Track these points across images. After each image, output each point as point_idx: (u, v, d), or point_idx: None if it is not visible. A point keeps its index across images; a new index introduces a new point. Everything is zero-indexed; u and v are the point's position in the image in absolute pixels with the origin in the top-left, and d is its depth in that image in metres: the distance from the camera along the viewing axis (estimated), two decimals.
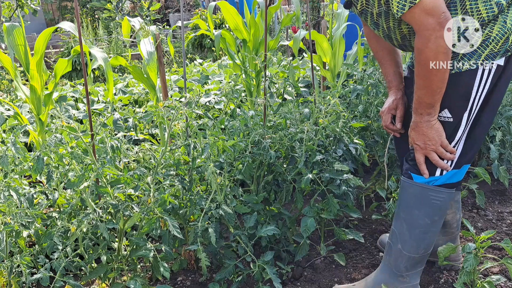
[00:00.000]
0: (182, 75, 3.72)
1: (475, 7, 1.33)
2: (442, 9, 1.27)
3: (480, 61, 1.35)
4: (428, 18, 1.26)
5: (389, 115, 1.67)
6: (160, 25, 8.88)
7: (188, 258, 1.83)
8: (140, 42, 2.65)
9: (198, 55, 7.04)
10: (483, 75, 1.36)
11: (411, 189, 1.53)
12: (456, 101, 1.39)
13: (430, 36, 1.28)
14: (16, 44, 2.45)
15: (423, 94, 1.38)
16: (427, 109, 1.40)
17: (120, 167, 1.73)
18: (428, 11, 1.26)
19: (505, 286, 1.70)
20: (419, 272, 1.60)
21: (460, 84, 1.37)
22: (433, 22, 1.26)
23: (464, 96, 1.38)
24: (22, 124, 2.64)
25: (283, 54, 6.52)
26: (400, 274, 1.58)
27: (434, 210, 1.50)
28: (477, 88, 1.37)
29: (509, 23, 1.33)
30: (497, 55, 1.34)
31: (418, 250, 1.55)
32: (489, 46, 1.34)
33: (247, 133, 1.92)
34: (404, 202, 1.56)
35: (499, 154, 2.46)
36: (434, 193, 1.49)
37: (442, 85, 1.36)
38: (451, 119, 1.41)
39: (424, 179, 1.49)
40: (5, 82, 4.75)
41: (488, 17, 1.32)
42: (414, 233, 1.54)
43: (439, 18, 1.26)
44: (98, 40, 7.22)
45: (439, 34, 1.27)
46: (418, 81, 1.38)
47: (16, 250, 1.57)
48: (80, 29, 1.65)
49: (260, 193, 1.83)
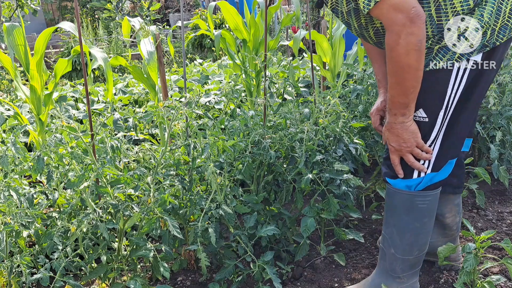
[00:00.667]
0: (182, 75, 3.72)
1: (448, 1, 1.27)
2: (411, 3, 1.20)
3: (455, 58, 1.29)
4: (397, 13, 1.20)
5: (378, 116, 1.63)
6: (160, 25, 8.88)
7: (188, 258, 1.83)
8: (140, 42, 2.65)
9: (198, 55, 7.04)
10: (459, 72, 1.31)
11: (396, 196, 1.50)
12: (431, 100, 1.35)
13: (400, 32, 1.21)
14: (16, 44, 2.45)
15: (396, 93, 1.32)
16: (401, 109, 1.34)
17: (120, 167, 1.73)
18: (396, 6, 1.20)
19: (505, 286, 1.70)
20: (417, 271, 1.59)
21: (435, 82, 1.33)
22: (402, 17, 1.20)
23: (439, 94, 1.33)
24: (22, 124, 2.64)
25: (283, 54, 6.52)
26: (397, 275, 1.57)
27: (422, 213, 1.48)
28: (453, 86, 1.32)
29: (486, 16, 1.26)
30: (473, 51, 1.29)
31: (412, 252, 1.53)
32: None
33: (247, 133, 1.92)
34: (390, 208, 1.54)
35: (499, 154, 2.46)
36: (419, 198, 1.46)
37: (416, 84, 1.29)
38: (426, 119, 1.36)
39: (405, 184, 1.45)
40: (5, 82, 4.75)
41: (463, 11, 1.27)
42: (405, 237, 1.51)
43: (408, 13, 1.19)
44: (98, 40, 7.22)
45: (410, 30, 1.20)
46: (391, 79, 1.31)
47: (16, 250, 1.57)
48: (80, 29, 1.65)
49: (260, 193, 1.83)
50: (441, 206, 1.67)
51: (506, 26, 1.29)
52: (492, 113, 2.43)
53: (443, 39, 1.30)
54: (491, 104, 2.41)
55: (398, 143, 1.39)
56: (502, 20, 1.28)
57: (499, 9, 1.27)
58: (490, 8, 1.27)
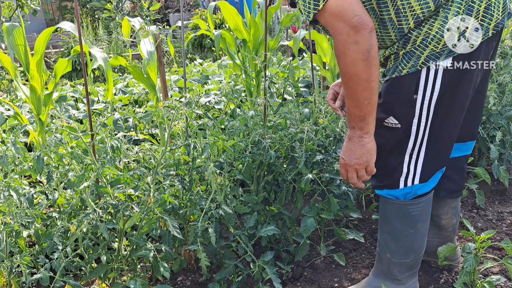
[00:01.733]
0: (182, 75, 3.72)
1: (407, 4, 1.20)
2: (353, 11, 1.13)
3: (420, 63, 1.22)
4: (339, 22, 1.14)
5: (332, 90, 1.52)
6: (160, 25, 8.88)
7: (188, 258, 1.83)
8: (140, 42, 2.65)
9: (198, 55, 7.04)
10: (428, 78, 1.23)
11: (388, 204, 1.48)
12: (400, 107, 1.29)
13: (345, 41, 1.15)
14: (16, 44, 2.45)
15: (350, 105, 1.25)
16: (358, 122, 1.26)
17: (120, 167, 1.73)
18: (337, 14, 1.14)
19: (505, 286, 1.70)
20: (416, 272, 1.58)
21: (400, 88, 1.27)
22: (344, 26, 1.14)
23: (407, 101, 1.27)
24: (22, 124, 2.64)
25: (283, 54, 6.52)
26: (395, 277, 1.56)
27: (415, 220, 1.46)
28: (423, 93, 1.25)
29: (451, 18, 1.19)
30: (440, 55, 1.21)
31: (408, 255, 1.52)
32: (429, 46, 1.21)
33: (247, 133, 1.92)
34: (384, 215, 1.53)
35: (499, 154, 2.46)
36: (411, 206, 1.43)
37: (369, 96, 1.21)
38: (399, 125, 1.31)
39: (393, 195, 1.43)
40: (5, 82, 4.74)
41: (424, 14, 1.20)
42: (400, 242, 1.50)
43: (351, 22, 1.13)
44: (98, 40, 7.22)
45: (354, 39, 1.14)
46: (345, 91, 1.25)
47: (16, 250, 1.57)
48: (80, 29, 1.65)
49: (260, 193, 1.83)
50: (437, 208, 1.66)
51: (481, 26, 1.21)
52: (492, 113, 2.43)
53: (407, 44, 1.24)
54: (491, 104, 2.41)
55: (349, 157, 1.32)
56: (475, 20, 1.21)
57: (469, 9, 1.20)
58: (456, 9, 1.20)
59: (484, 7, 1.21)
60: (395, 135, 1.33)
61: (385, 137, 1.35)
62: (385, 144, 1.36)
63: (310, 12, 1.17)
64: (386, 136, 1.35)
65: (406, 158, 1.36)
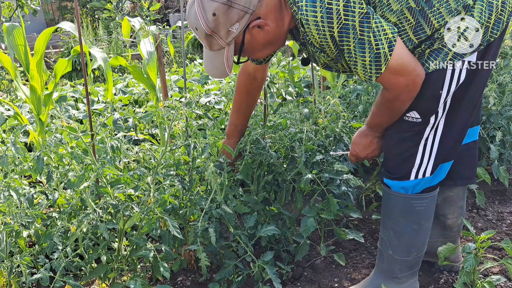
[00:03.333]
0: (182, 75, 3.72)
1: (439, 16, 1.26)
2: (411, 66, 1.26)
3: (447, 59, 1.28)
4: (399, 77, 1.26)
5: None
6: (160, 25, 8.88)
7: (188, 258, 1.83)
8: (140, 42, 2.65)
9: (198, 55, 7.04)
10: (454, 74, 1.29)
11: (393, 199, 1.50)
12: (424, 103, 1.35)
13: (402, 92, 1.29)
14: (16, 44, 2.45)
15: (383, 122, 1.45)
16: (381, 128, 1.49)
17: (120, 167, 1.73)
18: (397, 72, 1.25)
19: (505, 286, 1.70)
20: (416, 271, 1.59)
21: (427, 85, 1.31)
22: (404, 80, 1.26)
23: (432, 97, 1.33)
24: (22, 124, 2.64)
25: (283, 54, 6.51)
26: (395, 276, 1.57)
27: (419, 215, 1.47)
28: (448, 88, 1.31)
29: (477, 16, 1.25)
30: (467, 52, 1.28)
31: (410, 253, 1.53)
32: None
33: (247, 133, 1.92)
34: (388, 211, 1.54)
35: (499, 154, 2.46)
36: (416, 201, 1.46)
37: (399, 115, 1.39)
38: (419, 120, 1.37)
39: (402, 186, 1.45)
40: (5, 82, 4.74)
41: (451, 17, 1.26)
42: (403, 239, 1.51)
43: (410, 76, 1.26)
44: (98, 40, 7.22)
45: (412, 88, 1.28)
46: (383, 112, 1.41)
47: (16, 250, 1.57)
48: (80, 29, 1.65)
49: (260, 193, 1.83)
50: (444, 207, 1.67)
51: (499, 20, 1.27)
52: (492, 113, 2.43)
53: (435, 43, 1.28)
54: (491, 104, 2.41)
55: (364, 152, 1.57)
56: (496, 15, 1.26)
57: (490, 5, 1.25)
58: (479, 7, 1.25)
59: (501, 3, 1.27)
60: (414, 128, 1.39)
61: (403, 130, 1.42)
62: (402, 136, 1.42)
63: (372, 76, 1.26)
64: (404, 129, 1.41)
65: (420, 149, 1.41)
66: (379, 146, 1.54)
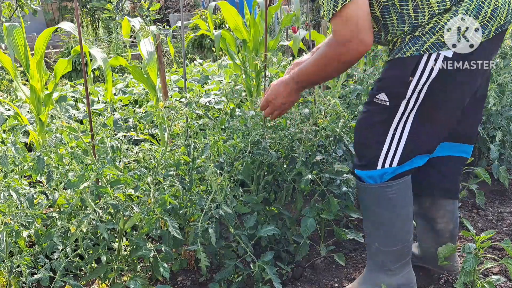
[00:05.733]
0: (182, 75, 3.72)
1: (426, 2, 1.28)
2: (363, 27, 1.27)
3: (423, 49, 1.29)
4: (346, 27, 1.28)
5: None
6: (160, 25, 8.88)
7: (188, 258, 1.83)
8: (140, 42, 2.65)
9: (198, 55, 7.04)
10: (427, 64, 1.29)
11: (364, 190, 1.50)
12: (393, 86, 1.36)
13: (342, 48, 1.30)
14: (16, 44, 2.45)
15: (311, 72, 1.44)
16: (306, 83, 1.50)
17: (120, 167, 1.73)
18: (347, 20, 1.26)
19: (505, 286, 1.70)
20: (407, 262, 1.57)
21: (399, 69, 1.33)
22: (349, 34, 1.27)
23: (402, 82, 1.33)
24: (22, 124, 2.64)
25: (283, 54, 6.51)
26: (387, 268, 1.55)
27: (392, 203, 1.47)
28: (419, 76, 1.31)
29: (460, 13, 1.26)
30: (444, 45, 1.27)
31: (395, 243, 1.51)
32: (435, 34, 1.28)
33: (247, 133, 1.92)
34: (363, 203, 1.55)
35: (499, 154, 2.46)
36: (386, 189, 1.45)
37: (328, 76, 1.45)
38: (387, 103, 1.36)
39: (368, 175, 1.45)
40: (5, 82, 4.74)
41: (440, 11, 1.28)
42: (383, 229, 1.51)
43: (356, 34, 1.27)
44: (98, 40, 7.22)
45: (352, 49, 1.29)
46: (315, 64, 1.41)
47: (16, 250, 1.57)
48: (80, 29, 1.65)
49: (260, 193, 1.83)
50: (432, 211, 1.64)
51: (485, 26, 1.27)
52: (492, 113, 2.43)
53: (416, 30, 1.31)
54: (491, 104, 2.41)
55: (278, 99, 1.55)
56: (482, 20, 1.27)
57: (479, 8, 1.27)
58: (467, 5, 1.27)
59: (492, 9, 1.28)
60: (382, 112, 1.38)
61: (372, 112, 1.42)
62: (372, 121, 1.42)
63: (330, 12, 1.27)
64: (373, 111, 1.41)
65: (388, 138, 1.40)
66: (295, 100, 1.56)
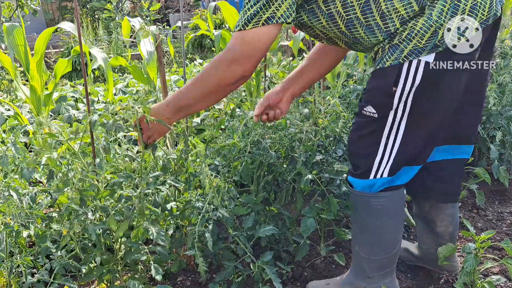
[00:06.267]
0: (182, 75, 3.72)
1: (391, 6, 1.24)
2: (257, 54, 1.28)
3: (402, 56, 1.25)
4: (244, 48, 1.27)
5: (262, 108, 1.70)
6: (160, 25, 8.88)
7: (187, 258, 1.83)
8: (140, 42, 2.65)
9: (198, 55, 7.04)
10: (409, 72, 1.25)
11: (353, 196, 1.51)
12: (379, 98, 1.33)
13: (231, 62, 1.29)
14: (16, 44, 2.45)
15: (192, 97, 1.37)
16: (183, 110, 1.40)
17: (121, 167, 1.72)
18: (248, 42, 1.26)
19: (505, 286, 1.70)
20: (389, 272, 1.56)
21: (382, 79, 1.31)
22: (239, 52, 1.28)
23: (386, 93, 1.30)
24: (22, 124, 2.64)
25: (283, 54, 6.51)
26: (366, 275, 1.55)
27: (379, 213, 1.46)
28: (403, 86, 1.27)
29: (435, 15, 1.22)
30: (423, 51, 1.23)
31: (377, 253, 1.50)
32: (412, 41, 1.24)
33: (247, 133, 1.91)
34: (353, 206, 1.54)
35: (499, 154, 2.46)
36: (373, 199, 1.45)
37: (204, 105, 1.40)
38: (375, 115, 1.34)
39: (361, 185, 1.45)
40: (5, 82, 4.74)
41: (408, 14, 1.25)
42: (366, 236, 1.51)
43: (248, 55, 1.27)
44: (98, 40, 7.22)
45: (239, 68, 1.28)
46: (195, 86, 1.37)
47: (16, 250, 1.57)
48: (80, 29, 1.65)
49: (260, 193, 1.83)
50: (432, 214, 1.64)
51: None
52: (492, 113, 2.43)
53: (394, 38, 1.28)
54: (491, 104, 2.40)
55: (151, 132, 1.45)
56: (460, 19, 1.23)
57: (455, 7, 1.23)
58: (440, 7, 1.23)
59: (470, 6, 1.23)
60: (371, 125, 1.37)
61: (362, 125, 1.41)
62: (362, 133, 1.41)
63: (237, 27, 1.27)
64: (362, 123, 1.40)
65: (380, 148, 1.38)
66: (164, 131, 1.46)
